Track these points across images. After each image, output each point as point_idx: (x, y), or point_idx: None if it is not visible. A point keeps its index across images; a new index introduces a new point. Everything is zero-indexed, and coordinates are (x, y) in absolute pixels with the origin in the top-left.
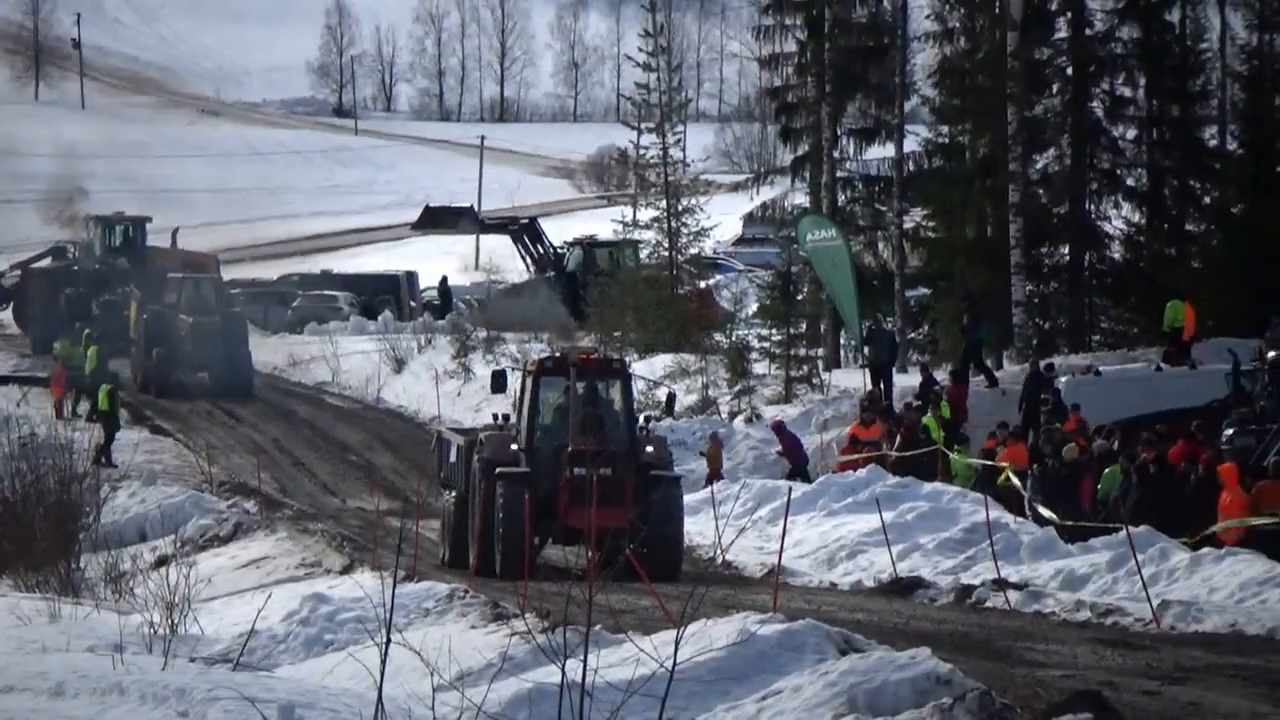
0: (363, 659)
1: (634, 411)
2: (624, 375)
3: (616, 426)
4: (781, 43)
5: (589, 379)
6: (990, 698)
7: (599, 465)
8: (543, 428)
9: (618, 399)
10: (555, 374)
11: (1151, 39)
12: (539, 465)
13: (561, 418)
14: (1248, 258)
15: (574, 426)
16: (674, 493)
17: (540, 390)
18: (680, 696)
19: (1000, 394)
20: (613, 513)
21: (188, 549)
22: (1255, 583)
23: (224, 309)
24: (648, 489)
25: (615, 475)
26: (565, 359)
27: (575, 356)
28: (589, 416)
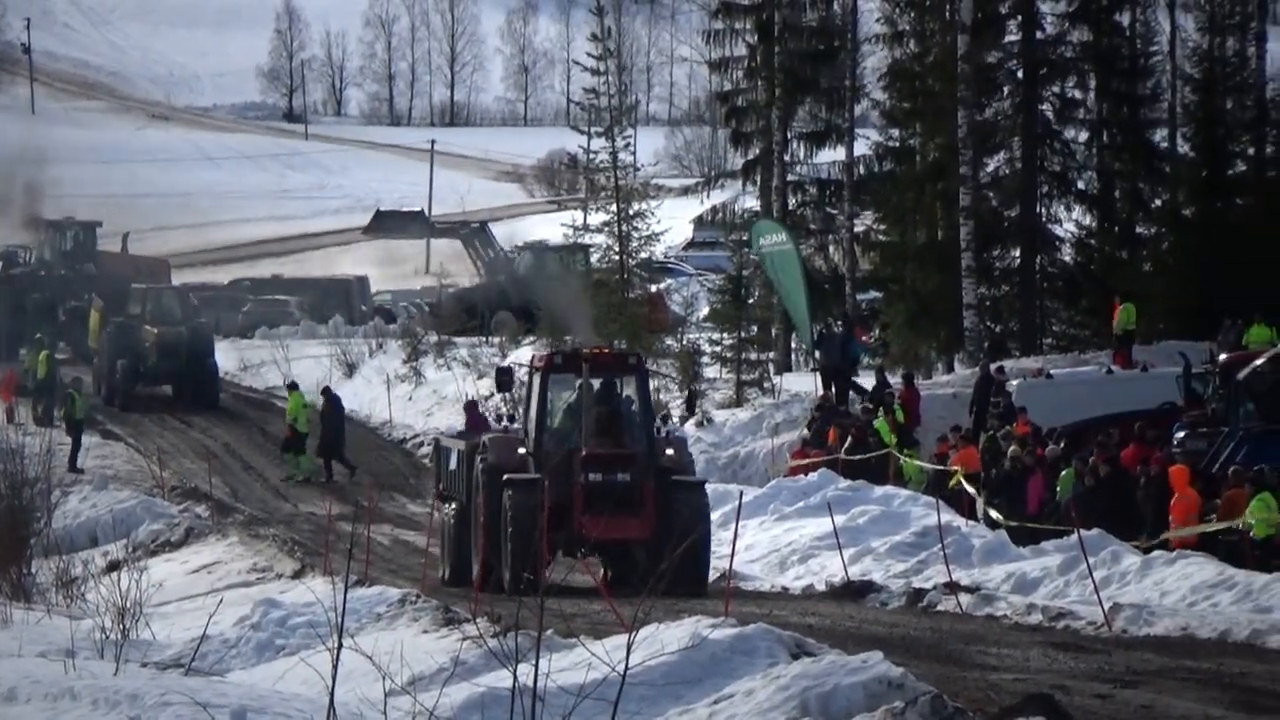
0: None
1: (652, 411)
2: (640, 371)
3: (633, 427)
4: (731, 47)
5: (602, 376)
6: (942, 701)
7: (616, 470)
8: (552, 430)
9: (634, 397)
10: (565, 371)
11: (1102, 42)
12: (549, 470)
13: (573, 418)
14: (1199, 260)
15: (587, 428)
16: (699, 499)
17: (549, 389)
18: (632, 700)
19: (952, 397)
20: (632, 522)
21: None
22: (1207, 586)
23: (189, 319)
24: (669, 496)
25: (634, 481)
26: (576, 354)
27: (587, 351)
28: (604, 417)
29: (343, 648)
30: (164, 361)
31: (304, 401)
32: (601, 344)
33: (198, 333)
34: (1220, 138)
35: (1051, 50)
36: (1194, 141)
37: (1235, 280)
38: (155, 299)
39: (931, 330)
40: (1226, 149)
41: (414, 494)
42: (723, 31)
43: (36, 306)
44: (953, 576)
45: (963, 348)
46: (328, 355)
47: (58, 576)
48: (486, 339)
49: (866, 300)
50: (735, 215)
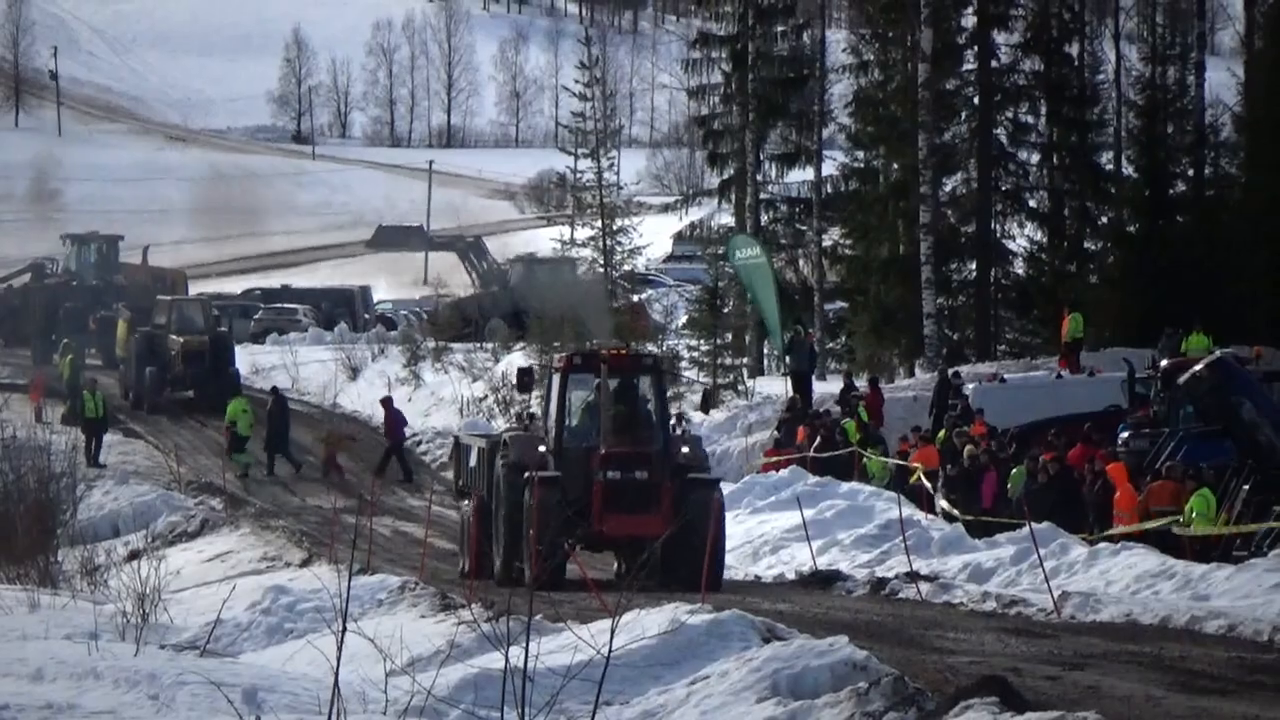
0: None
1: (668, 410)
2: (657, 371)
3: (650, 426)
4: (708, 74)
5: (620, 375)
6: (903, 682)
7: (634, 468)
8: (571, 428)
9: (651, 396)
10: (584, 371)
11: (1052, 71)
12: (569, 468)
13: (591, 417)
14: (1142, 274)
15: (605, 427)
16: (714, 497)
17: (568, 388)
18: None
19: (913, 400)
20: (649, 519)
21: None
22: (1149, 575)
23: (212, 329)
24: (685, 493)
25: (651, 479)
26: (595, 355)
27: (606, 352)
28: (622, 416)
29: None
30: (188, 369)
31: (244, 407)
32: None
33: (219, 341)
34: (1162, 160)
35: (1005, 78)
36: (1138, 164)
37: (1176, 292)
38: (179, 310)
39: (894, 338)
40: (1168, 171)
41: (413, 488)
42: (700, 60)
43: (69, 315)
44: (913, 566)
45: (923, 354)
46: (333, 360)
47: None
48: (480, 345)
49: (833, 310)
50: (711, 231)
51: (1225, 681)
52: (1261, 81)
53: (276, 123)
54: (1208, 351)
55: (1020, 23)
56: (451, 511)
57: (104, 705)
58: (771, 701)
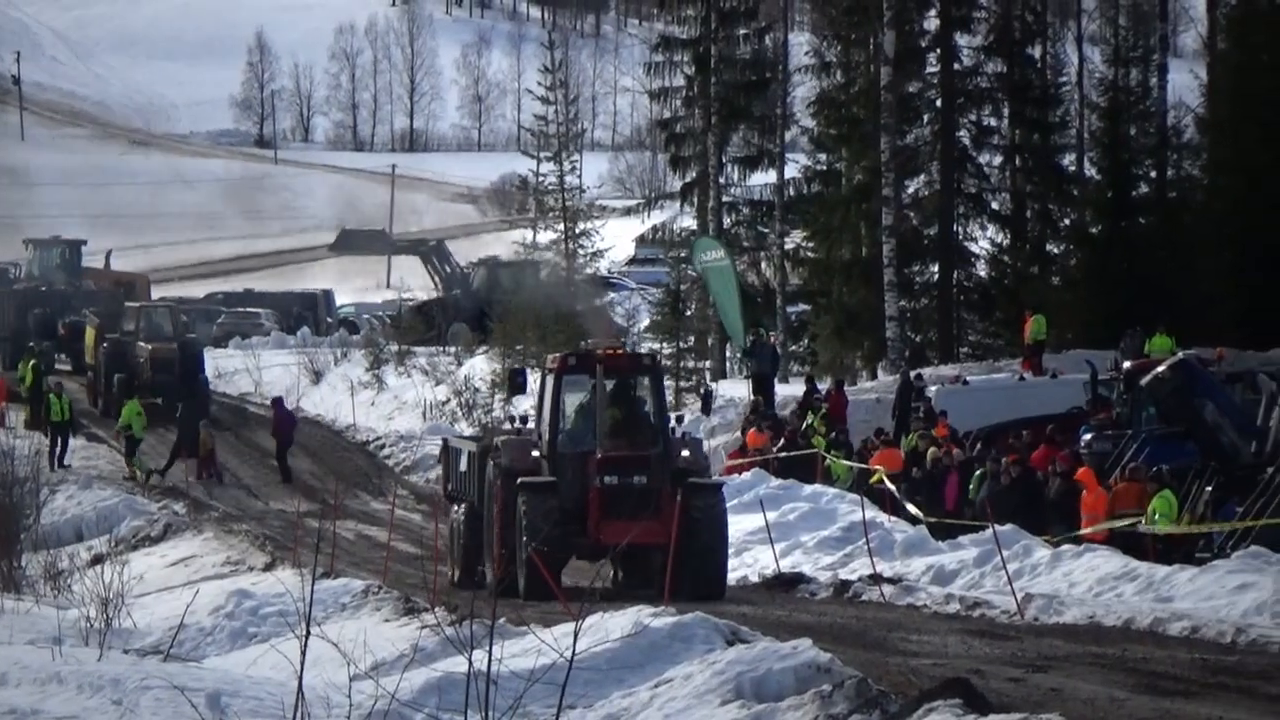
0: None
1: (667, 412)
2: (655, 372)
3: (648, 428)
4: (670, 77)
5: (617, 377)
6: (867, 684)
7: (632, 473)
8: (566, 431)
9: (648, 398)
10: (579, 372)
11: (1015, 73)
12: (564, 473)
13: (586, 420)
14: (1104, 275)
15: (602, 430)
16: (716, 502)
17: (563, 390)
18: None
19: (875, 402)
20: (650, 526)
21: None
22: (1112, 577)
23: (181, 336)
24: (686, 498)
25: (650, 484)
26: (590, 355)
27: (601, 352)
28: (619, 418)
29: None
30: (157, 376)
31: (137, 410)
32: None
33: (188, 348)
34: (1125, 162)
35: (968, 81)
36: (1100, 165)
37: (1138, 294)
38: (148, 316)
39: (856, 340)
40: (1131, 172)
41: (376, 492)
42: (662, 63)
43: (38, 321)
44: (876, 569)
45: (885, 356)
46: (296, 364)
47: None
48: (443, 348)
49: (795, 312)
50: (674, 234)
51: (1188, 683)
52: (1224, 83)
53: (239, 127)
54: (1170, 353)
55: (983, 25)
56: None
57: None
58: (735, 704)
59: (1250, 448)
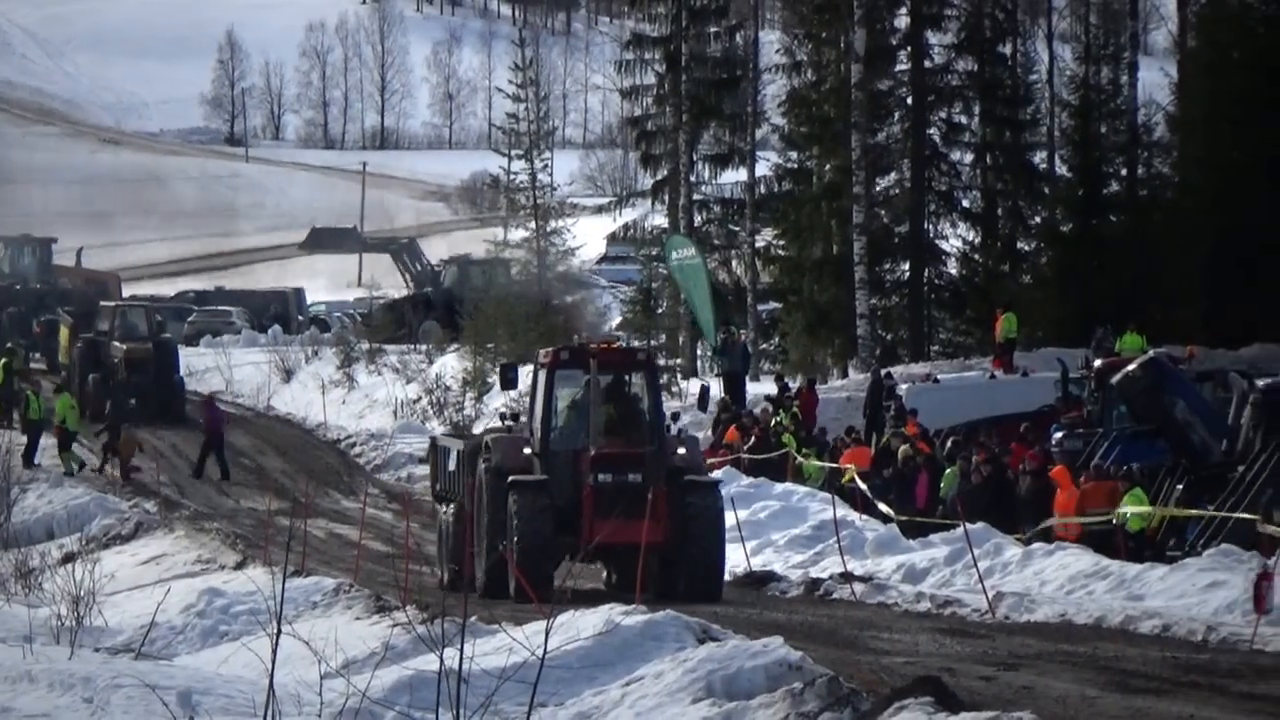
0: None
1: (662, 408)
2: (650, 367)
3: (643, 426)
4: (641, 75)
5: (611, 372)
6: (838, 683)
7: (627, 471)
8: (558, 428)
9: (643, 394)
10: (572, 366)
11: (985, 71)
12: (556, 472)
13: (580, 416)
14: (1075, 273)
15: (595, 427)
16: (713, 501)
17: (555, 385)
18: (550, 683)
19: (846, 400)
20: (644, 526)
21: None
22: (1083, 575)
23: (156, 336)
24: (683, 497)
25: (645, 482)
26: (584, 349)
27: (595, 346)
28: (613, 415)
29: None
30: (132, 377)
31: (70, 403)
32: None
33: (163, 348)
34: (1096, 160)
35: (939, 79)
36: (1071, 163)
37: (1109, 292)
38: (123, 316)
39: (827, 338)
40: (1101, 170)
41: (347, 490)
42: (633, 61)
43: (12, 319)
44: (847, 567)
45: (856, 354)
46: (267, 362)
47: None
48: (414, 346)
49: (766, 310)
50: (645, 232)
51: (1160, 681)
52: (1195, 81)
53: (210, 125)
54: (1141, 351)
55: (953, 23)
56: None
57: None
58: (706, 702)
59: (1221, 446)
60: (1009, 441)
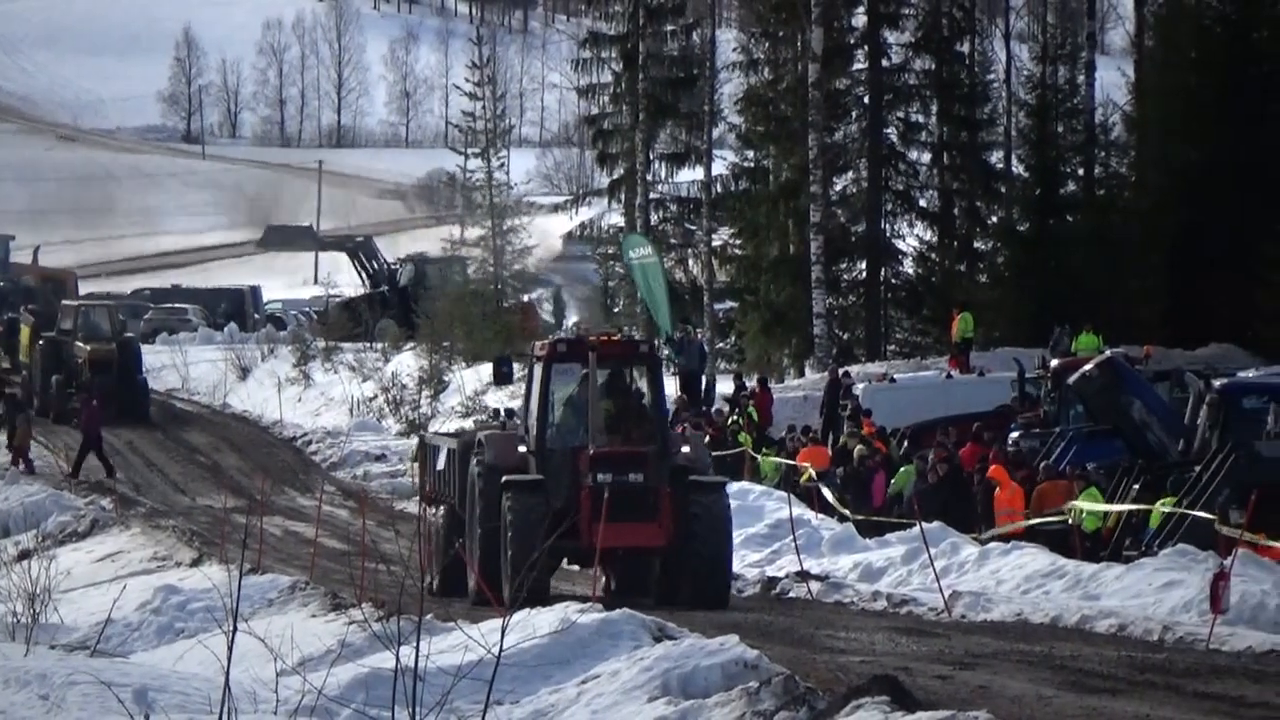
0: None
1: (665, 404)
2: (652, 361)
3: (645, 422)
4: (598, 74)
5: (611, 366)
6: (794, 681)
7: (627, 470)
8: (555, 425)
9: (645, 389)
10: (570, 360)
11: (943, 71)
12: (553, 471)
13: (578, 413)
14: (1032, 273)
15: (594, 424)
16: (719, 502)
17: (552, 380)
18: (506, 680)
19: (803, 400)
20: (646, 528)
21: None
22: (1039, 575)
23: (119, 336)
24: (686, 498)
25: (647, 482)
26: (582, 342)
27: (594, 338)
28: (613, 411)
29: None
30: (95, 377)
31: None
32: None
33: (127, 348)
34: (1053, 159)
35: (896, 78)
36: (1028, 163)
37: (1066, 292)
38: (85, 315)
39: (784, 337)
40: (1058, 170)
41: (303, 488)
42: (590, 60)
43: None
44: (804, 566)
45: (813, 354)
46: (223, 360)
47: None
48: (370, 345)
49: (723, 309)
50: (602, 230)
51: (1116, 681)
52: (1151, 81)
53: (166, 122)
54: (1098, 351)
55: (911, 22)
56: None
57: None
58: (662, 701)
59: (1177, 446)
60: (965, 441)
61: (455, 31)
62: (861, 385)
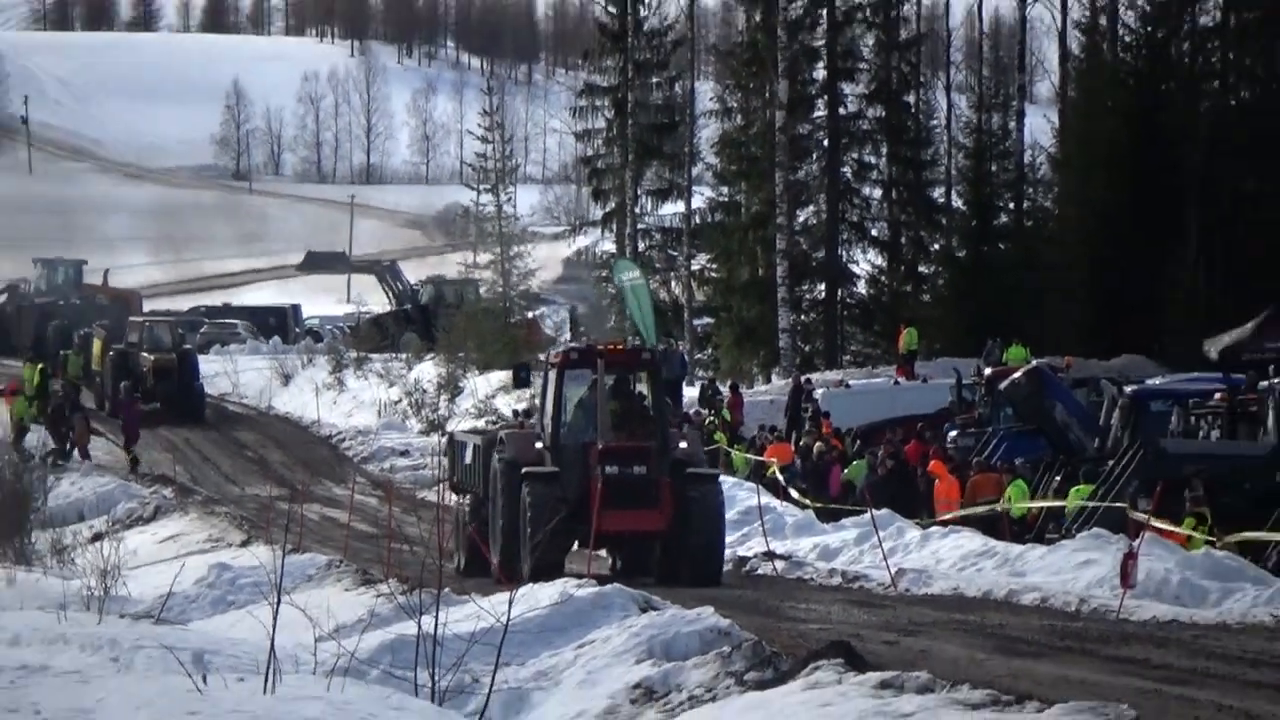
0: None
1: (664, 404)
2: (653, 367)
3: (648, 421)
4: (593, 120)
5: (617, 371)
6: (761, 646)
7: (633, 463)
8: (568, 424)
9: (647, 392)
10: (581, 366)
11: (892, 118)
12: (566, 464)
13: (588, 413)
14: (969, 294)
15: (603, 422)
16: (714, 492)
17: (565, 384)
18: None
19: (769, 403)
20: (648, 515)
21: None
22: (974, 555)
23: (178, 348)
24: (684, 488)
25: (650, 474)
26: (591, 350)
27: (602, 347)
28: (619, 411)
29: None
30: (159, 384)
31: (26, 406)
32: (616, 340)
33: (186, 358)
34: (987, 195)
35: (851, 124)
36: (966, 198)
37: (998, 310)
38: (150, 330)
39: (754, 349)
40: (992, 204)
41: (337, 479)
42: (586, 108)
43: (56, 331)
44: (770, 547)
45: (779, 363)
46: (268, 368)
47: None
48: (395, 355)
49: (701, 325)
50: (596, 256)
51: (1039, 646)
52: (1073, 127)
53: (218, 162)
54: (1025, 361)
55: (864, 76)
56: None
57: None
58: (648, 663)
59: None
60: (909, 439)
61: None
62: (821, 390)
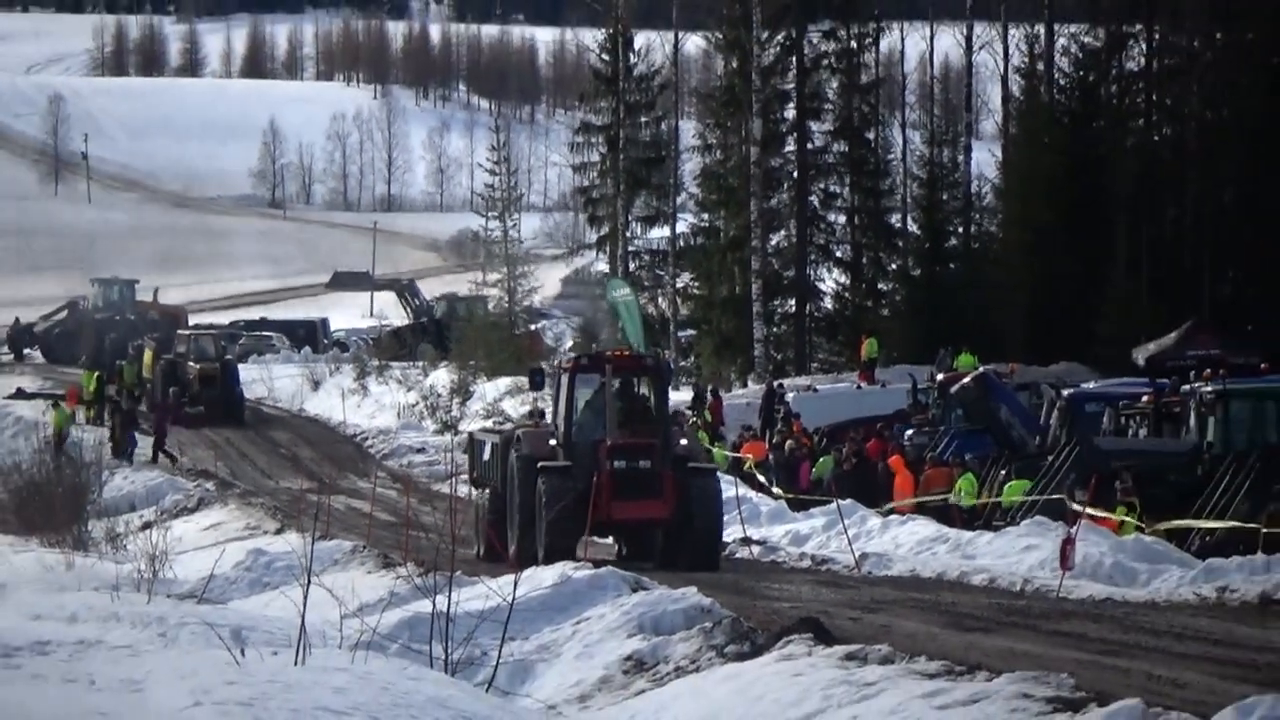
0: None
1: (667, 405)
2: (656, 372)
3: (652, 420)
4: (588, 154)
5: (623, 375)
6: (739, 622)
7: (638, 458)
8: (579, 423)
9: (651, 393)
10: (590, 371)
11: (855, 152)
12: (577, 459)
13: (596, 413)
14: (923, 308)
15: (611, 420)
16: (713, 485)
17: (576, 387)
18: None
19: (746, 406)
20: (653, 504)
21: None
22: (929, 540)
23: (221, 358)
24: (686, 481)
25: (654, 467)
26: (600, 356)
27: (609, 354)
28: (625, 410)
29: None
30: (204, 391)
31: (66, 416)
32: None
33: (228, 368)
34: (939, 220)
35: (818, 158)
36: (920, 223)
37: (949, 322)
38: (196, 342)
39: (731, 358)
40: (944, 229)
41: (362, 473)
42: (582, 143)
43: (114, 343)
44: (747, 533)
45: (754, 370)
46: (300, 375)
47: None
48: (413, 363)
49: (684, 336)
50: (591, 276)
51: (988, 622)
52: (1015, 160)
53: (256, 192)
54: (974, 368)
55: (830, 115)
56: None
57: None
58: (638, 637)
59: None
60: (871, 437)
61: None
62: (791, 394)
